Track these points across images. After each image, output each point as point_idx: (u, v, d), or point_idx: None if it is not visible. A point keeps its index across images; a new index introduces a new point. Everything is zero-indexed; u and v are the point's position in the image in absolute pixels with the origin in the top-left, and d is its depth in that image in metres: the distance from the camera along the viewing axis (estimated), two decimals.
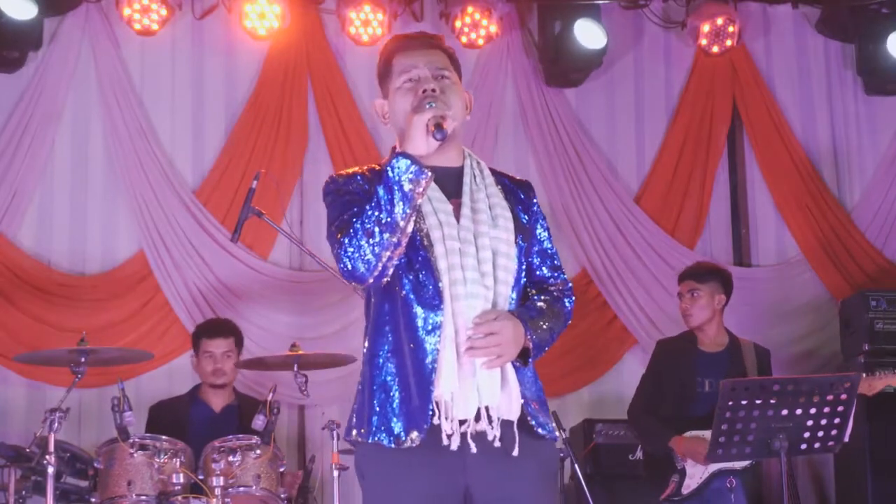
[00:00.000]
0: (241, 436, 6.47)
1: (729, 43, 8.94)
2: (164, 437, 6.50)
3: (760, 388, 6.28)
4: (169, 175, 8.53)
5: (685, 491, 6.79)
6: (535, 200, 3.98)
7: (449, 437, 3.54)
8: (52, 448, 6.15)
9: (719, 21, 8.88)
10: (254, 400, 7.08)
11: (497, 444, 3.58)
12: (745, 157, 9.21)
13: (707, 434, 6.67)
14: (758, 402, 6.21)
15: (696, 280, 7.06)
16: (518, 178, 4.01)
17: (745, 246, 9.17)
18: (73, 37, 8.60)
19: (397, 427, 3.59)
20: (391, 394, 3.63)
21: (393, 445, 3.58)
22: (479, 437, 3.57)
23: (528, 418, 3.68)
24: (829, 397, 6.25)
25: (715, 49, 8.97)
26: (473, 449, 3.56)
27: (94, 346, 6.58)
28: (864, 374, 6.94)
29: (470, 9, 8.63)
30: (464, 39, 8.62)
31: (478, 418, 3.58)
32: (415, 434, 3.54)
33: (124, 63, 8.64)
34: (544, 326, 3.76)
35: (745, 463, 6.67)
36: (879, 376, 6.77)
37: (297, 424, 8.29)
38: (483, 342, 3.55)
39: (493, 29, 8.68)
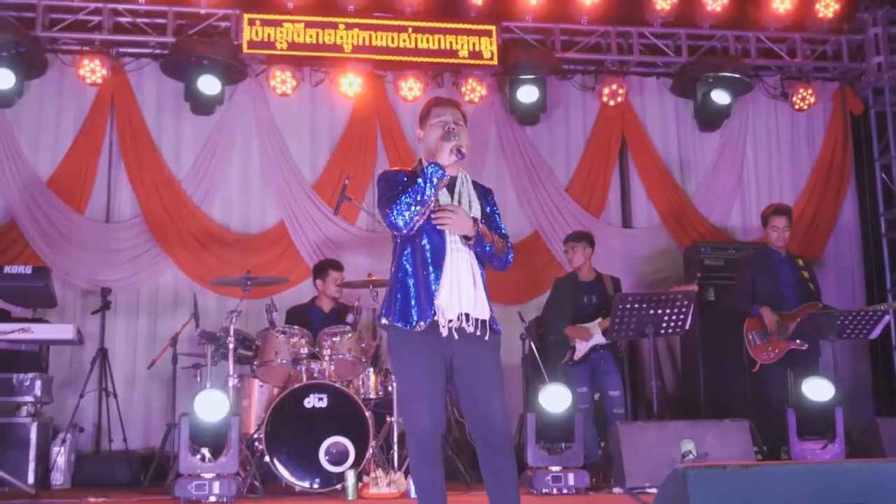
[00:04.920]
0: (339, 326, 6.52)
1: (620, 99, 8.83)
2: (295, 326, 6.57)
3: (639, 298, 6.31)
4: (297, 177, 8.49)
5: (577, 357, 6.96)
6: (493, 199, 4.06)
7: (443, 327, 3.69)
8: (231, 333, 6.23)
9: (614, 87, 8.78)
10: (347, 306, 7.05)
11: (470, 331, 3.73)
12: (629, 166, 9.06)
13: (588, 325, 6.88)
14: (637, 306, 6.24)
15: (574, 241, 7.31)
16: (486, 186, 4.08)
17: (628, 216, 9.06)
18: (242, 97, 8.58)
19: (414, 316, 3.71)
20: (409, 297, 3.75)
21: (408, 328, 3.72)
22: (460, 330, 3.71)
23: (490, 319, 3.82)
24: (677, 303, 6.27)
25: (612, 103, 8.84)
26: (455, 336, 3.70)
27: (255, 275, 6.60)
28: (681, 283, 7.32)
29: (470, 80, 8.58)
30: (467, 98, 8.57)
31: (459, 319, 3.71)
32: (422, 323, 3.69)
33: (271, 112, 8.58)
34: (490, 236, 3.83)
35: (607, 342, 6.87)
36: (679, 286, 6.87)
37: (371, 320, 8.28)
38: (443, 212, 3.73)
39: (484, 92, 8.63)
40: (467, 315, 3.72)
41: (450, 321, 3.69)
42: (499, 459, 3.77)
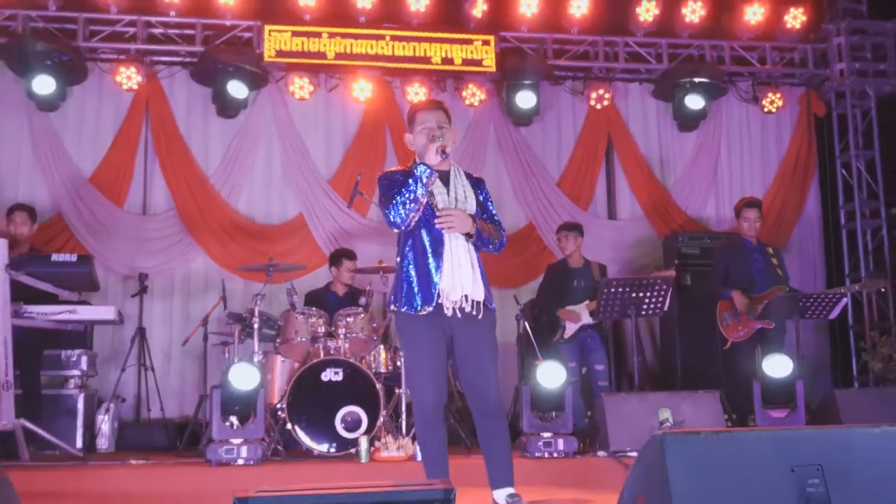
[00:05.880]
0: (353, 308, 6.51)
1: (606, 103, 8.85)
2: (313, 308, 6.59)
3: (623, 282, 6.34)
4: (314, 173, 8.51)
5: (567, 336, 6.98)
6: (485, 187, 4.08)
7: (448, 308, 3.77)
8: (256, 314, 6.27)
9: (601, 91, 8.81)
10: (360, 289, 7.09)
11: (469, 310, 3.80)
12: (614, 163, 9.08)
13: (577, 307, 6.93)
14: (621, 290, 6.27)
15: (567, 230, 7.29)
16: (477, 175, 4.11)
17: (614, 208, 9.09)
18: (264, 101, 8.58)
19: (416, 302, 3.78)
20: (412, 285, 3.80)
21: (412, 313, 3.79)
22: (461, 309, 3.79)
23: (486, 299, 3.89)
24: (657, 287, 6.30)
25: (599, 106, 8.86)
26: (458, 315, 3.79)
27: (277, 262, 6.62)
28: (660, 269, 7.37)
29: (471, 85, 8.61)
30: (468, 101, 8.60)
31: (460, 299, 3.79)
32: (425, 308, 3.77)
33: (290, 115, 8.60)
34: (487, 229, 3.89)
35: (594, 322, 6.90)
36: (658, 272, 6.96)
37: (381, 302, 8.30)
38: (445, 216, 3.78)
39: (483, 96, 8.66)
40: (466, 296, 3.79)
41: (453, 302, 3.76)
42: (493, 425, 3.86)
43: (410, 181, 3.72)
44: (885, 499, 2.35)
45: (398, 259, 3.93)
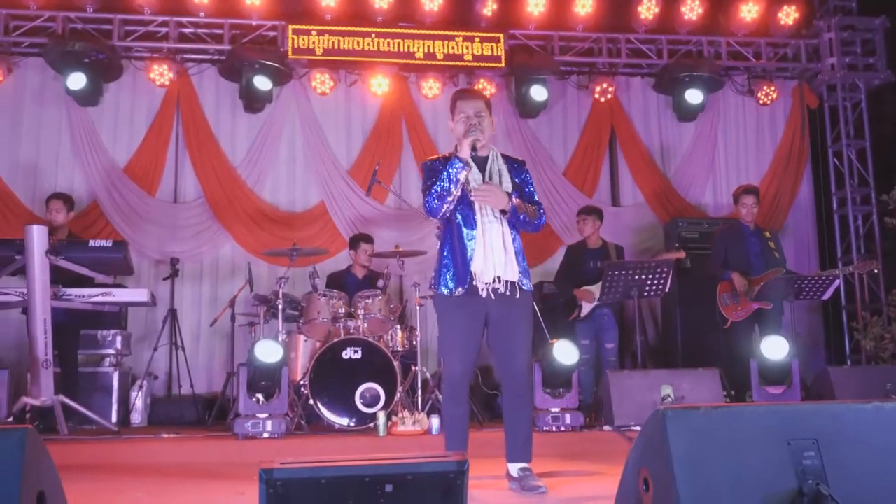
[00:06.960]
0: (371, 290, 6.50)
1: (609, 96, 8.79)
2: (334, 290, 6.56)
3: (625, 266, 6.30)
4: (335, 164, 8.46)
5: (582, 314, 6.91)
6: (526, 169, 4.01)
7: (481, 290, 3.72)
8: (281, 296, 6.25)
9: (605, 85, 8.75)
10: (378, 272, 7.08)
11: (502, 291, 3.74)
12: (617, 153, 9.01)
13: (592, 288, 6.85)
14: (624, 272, 6.23)
15: (586, 213, 7.20)
16: (518, 158, 4.04)
17: (616, 195, 9.01)
18: (288, 96, 8.54)
19: (451, 285, 3.75)
20: (448, 268, 3.77)
21: (449, 294, 3.76)
22: (494, 290, 3.73)
23: (519, 280, 3.81)
24: (658, 270, 6.26)
25: (603, 99, 8.81)
26: (492, 296, 3.74)
27: (300, 247, 6.59)
28: (664, 253, 7.21)
29: (482, 80, 8.56)
30: None
31: (493, 281, 3.72)
32: (460, 289, 3.74)
33: (312, 108, 8.55)
34: (523, 207, 3.81)
35: (606, 302, 6.78)
36: (669, 253, 6.91)
37: (398, 285, 8.31)
38: (480, 191, 3.73)
39: (493, 90, 8.60)
40: (499, 277, 3.74)
41: (486, 284, 3.71)
42: (518, 401, 3.86)
43: (444, 175, 3.69)
44: (876, 470, 2.31)
45: (439, 244, 3.92)
